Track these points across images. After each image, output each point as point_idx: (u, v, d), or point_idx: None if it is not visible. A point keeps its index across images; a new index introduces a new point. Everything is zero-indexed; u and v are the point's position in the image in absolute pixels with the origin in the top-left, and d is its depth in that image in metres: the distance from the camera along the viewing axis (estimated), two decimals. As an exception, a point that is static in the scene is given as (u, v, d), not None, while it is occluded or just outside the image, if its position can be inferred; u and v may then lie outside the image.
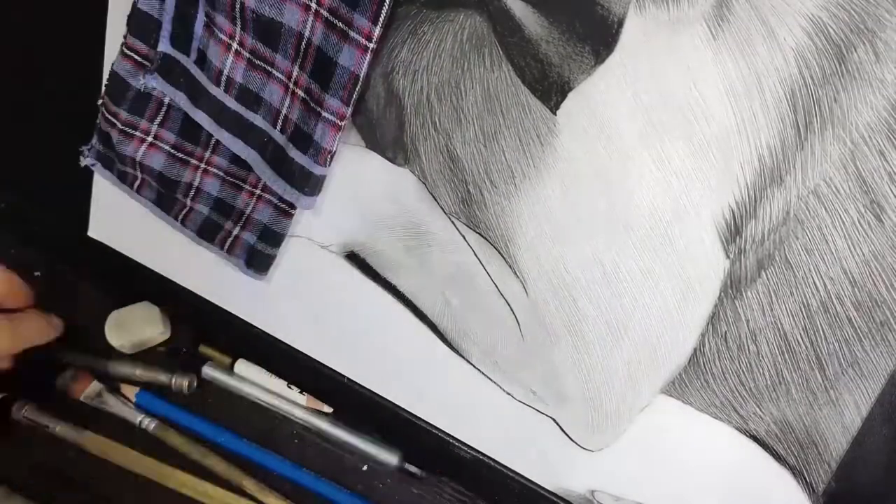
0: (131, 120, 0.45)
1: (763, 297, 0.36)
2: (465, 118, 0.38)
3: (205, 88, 0.42)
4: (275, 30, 0.39)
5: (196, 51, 0.42)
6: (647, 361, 0.39)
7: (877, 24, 0.31)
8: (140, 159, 0.46)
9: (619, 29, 0.34)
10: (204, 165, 0.46)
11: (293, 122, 0.41)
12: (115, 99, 0.44)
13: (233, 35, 0.40)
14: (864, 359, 0.36)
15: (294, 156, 0.42)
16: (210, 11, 0.40)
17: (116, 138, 0.45)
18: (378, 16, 0.37)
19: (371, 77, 0.40)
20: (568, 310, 0.40)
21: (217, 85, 0.42)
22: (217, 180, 0.46)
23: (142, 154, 0.46)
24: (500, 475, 0.47)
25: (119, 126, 0.45)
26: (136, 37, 0.42)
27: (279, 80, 0.41)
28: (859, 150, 0.33)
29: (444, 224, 0.41)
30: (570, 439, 0.43)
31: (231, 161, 0.45)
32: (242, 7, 0.39)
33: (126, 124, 0.45)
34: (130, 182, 0.48)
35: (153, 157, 0.46)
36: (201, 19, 0.41)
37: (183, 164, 0.46)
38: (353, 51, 0.38)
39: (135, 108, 0.44)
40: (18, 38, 0.52)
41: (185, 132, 0.45)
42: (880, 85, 0.32)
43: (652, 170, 0.36)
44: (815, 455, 0.38)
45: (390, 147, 0.41)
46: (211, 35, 0.41)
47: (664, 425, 0.40)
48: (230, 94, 0.42)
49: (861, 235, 0.34)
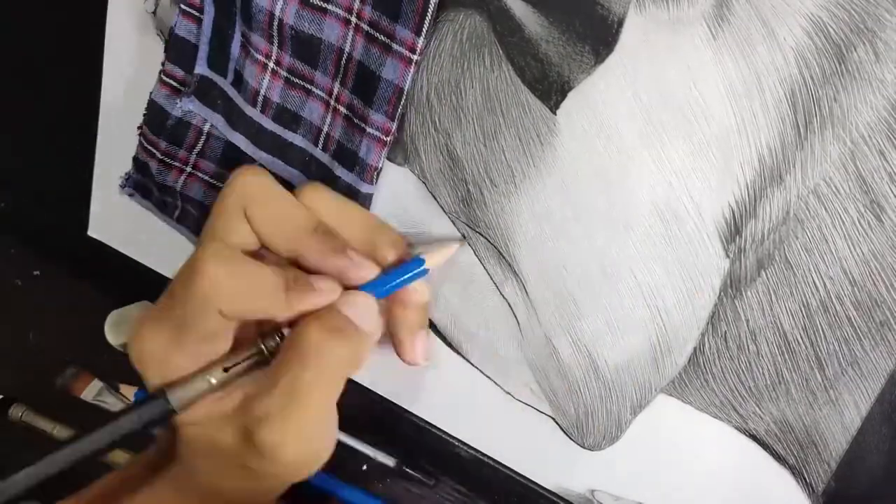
0: (170, 150, 0.44)
1: (763, 296, 0.36)
2: (464, 117, 0.38)
3: (241, 110, 0.42)
4: (314, 46, 0.38)
5: (233, 72, 0.41)
6: (646, 361, 0.39)
7: (877, 23, 0.31)
8: (181, 189, 0.45)
9: (619, 28, 0.34)
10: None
11: (335, 139, 0.40)
12: (154, 128, 0.43)
13: (269, 54, 0.39)
14: (864, 358, 0.36)
15: (340, 174, 0.41)
16: (246, 31, 0.39)
17: (156, 168, 0.45)
18: (421, 27, 0.36)
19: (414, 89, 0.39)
20: (568, 309, 0.40)
21: (253, 106, 0.41)
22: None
23: (182, 184, 0.45)
24: (500, 475, 0.47)
25: (158, 156, 0.44)
26: (173, 63, 0.42)
27: (319, 97, 0.40)
28: (859, 150, 0.33)
29: (444, 224, 0.41)
30: (570, 439, 0.43)
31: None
32: (280, 25, 0.38)
33: (165, 154, 0.44)
34: (171, 212, 0.47)
35: (193, 187, 0.45)
36: (238, 40, 0.40)
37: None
38: (396, 63, 0.37)
39: (174, 138, 0.44)
40: (18, 38, 0.52)
41: (224, 160, 0.44)
42: (880, 85, 0.32)
43: (652, 169, 0.36)
44: (814, 455, 0.38)
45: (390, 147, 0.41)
46: (247, 55, 0.40)
47: (664, 425, 0.40)
48: (267, 114, 0.41)
49: (861, 235, 0.34)
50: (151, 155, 0.44)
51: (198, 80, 0.42)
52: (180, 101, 0.42)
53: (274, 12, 0.38)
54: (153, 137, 0.44)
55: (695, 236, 0.36)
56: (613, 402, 0.41)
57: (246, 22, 0.39)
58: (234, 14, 0.40)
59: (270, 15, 0.38)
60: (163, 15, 0.45)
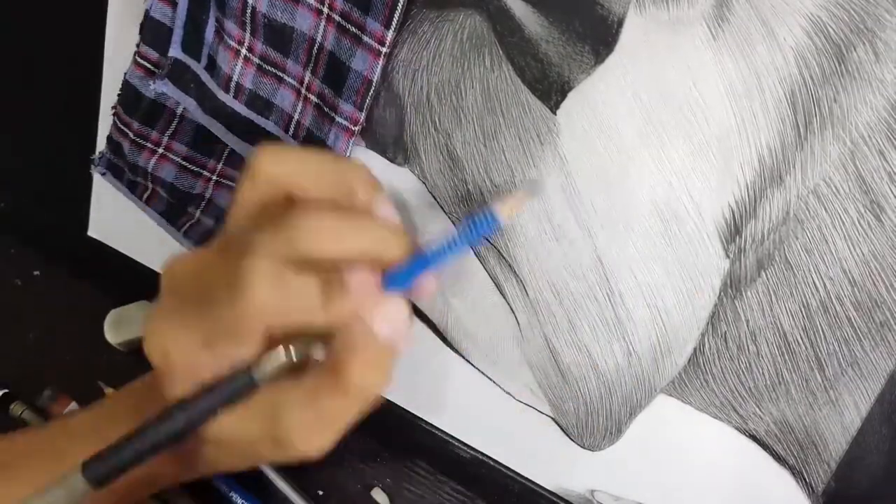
0: (143, 131, 0.44)
1: (763, 296, 0.36)
2: (464, 118, 0.38)
3: (213, 94, 0.42)
4: (286, 35, 0.39)
5: (206, 56, 0.42)
6: (647, 361, 0.39)
7: (877, 23, 0.31)
8: (151, 170, 0.45)
9: (619, 29, 0.34)
10: (216, 178, 0.46)
11: (305, 127, 0.41)
12: (128, 109, 0.44)
13: (241, 41, 0.40)
14: (864, 359, 0.36)
15: None
16: (220, 17, 0.40)
17: (128, 148, 0.45)
18: (391, 20, 0.36)
19: (384, 81, 0.39)
20: (568, 309, 0.40)
21: (226, 91, 0.42)
22: (228, 191, 0.46)
23: (153, 165, 0.45)
24: (500, 475, 0.47)
25: (131, 136, 0.45)
26: (148, 45, 0.42)
27: (291, 85, 0.41)
28: (859, 150, 0.33)
29: (444, 224, 0.41)
30: (570, 439, 0.43)
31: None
32: (254, 13, 0.39)
33: (138, 135, 0.45)
34: (140, 193, 0.48)
35: (164, 168, 0.46)
36: (212, 25, 0.41)
37: (195, 175, 0.46)
38: (365, 55, 0.38)
39: (147, 119, 0.44)
40: (18, 38, 0.52)
41: (197, 144, 0.45)
42: (880, 85, 0.32)
43: (652, 169, 0.36)
44: (814, 455, 0.38)
45: (390, 147, 0.41)
46: (221, 41, 0.41)
47: (664, 425, 0.40)
48: (239, 100, 0.42)
49: (861, 235, 0.34)
50: (124, 135, 0.45)
51: (171, 63, 0.42)
52: (154, 82, 0.43)
53: (247, 0, 0.38)
54: (126, 118, 0.44)
55: (695, 236, 0.36)
56: (613, 402, 0.41)
57: (220, 8, 0.40)
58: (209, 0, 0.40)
59: (244, 2, 0.39)
60: (163, 15, 0.45)
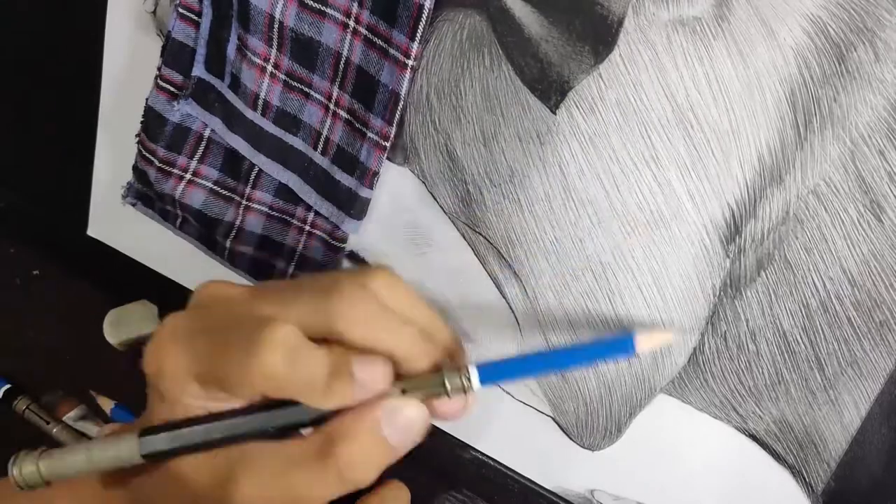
0: (169, 157, 0.43)
1: (762, 296, 0.36)
2: (464, 117, 0.38)
3: (240, 112, 0.41)
4: (312, 50, 0.38)
5: (230, 75, 0.41)
6: (646, 360, 0.39)
7: (876, 23, 0.31)
8: (179, 198, 0.44)
9: (619, 28, 0.34)
10: (245, 202, 0.44)
11: (335, 143, 0.40)
12: (152, 135, 0.43)
13: (267, 57, 0.39)
14: (864, 359, 0.36)
15: (340, 178, 0.41)
16: (242, 34, 0.39)
17: (154, 176, 0.44)
18: (415, 31, 0.36)
19: (411, 95, 0.38)
20: (567, 309, 0.40)
21: (254, 109, 0.41)
22: (262, 217, 0.45)
23: (181, 192, 0.44)
24: (499, 475, 0.47)
25: (157, 164, 0.43)
26: (170, 67, 0.41)
27: (318, 101, 0.40)
28: (859, 150, 0.33)
29: (444, 224, 0.41)
30: (569, 439, 0.43)
31: (276, 195, 0.44)
32: (281, 27, 0.38)
33: (164, 161, 0.43)
34: (173, 220, 0.47)
35: (193, 195, 0.44)
36: (234, 42, 0.40)
37: (226, 200, 0.44)
38: (392, 68, 0.37)
39: (173, 144, 0.43)
40: (18, 37, 0.52)
41: (225, 167, 0.44)
42: (880, 85, 0.32)
43: (652, 169, 0.36)
44: (814, 454, 0.38)
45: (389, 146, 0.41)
46: (244, 58, 0.40)
47: (663, 424, 0.40)
48: (267, 117, 0.41)
49: (861, 235, 0.34)
50: (149, 162, 0.44)
51: (195, 83, 0.41)
52: (177, 104, 0.42)
53: (274, 14, 0.38)
54: (151, 145, 0.43)
55: (694, 236, 0.36)
56: (613, 401, 0.41)
57: (243, 25, 0.39)
58: (231, 17, 0.39)
59: (270, 17, 0.38)
60: (162, 15, 0.45)
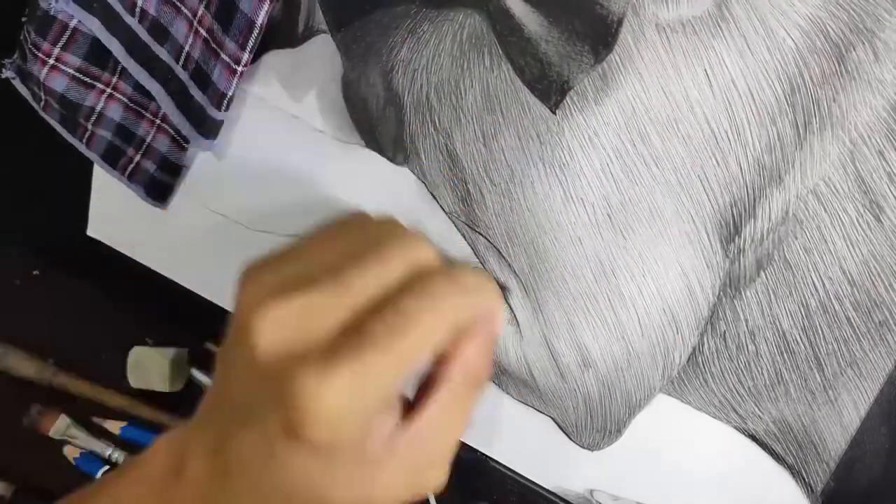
0: (37, 41, 0.45)
1: (762, 296, 0.36)
2: (464, 117, 0.39)
3: (119, 16, 0.43)
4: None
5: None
6: (646, 361, 0.39)
7: (876, 23, 0.31)
8: (44, 80, 0.46)
9: (619, 28, 0.34)
10: (110, 90, 0.47)
11: (194, 59, 0.42)
12: (29, 17, 0.45)
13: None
14: (863, 359, 0.36)
15: (194, 94, 0.42)
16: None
17: (25, 56, 0.46)
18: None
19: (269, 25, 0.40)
20: (567, 309, 0.40)
21: (132, 15, 0.42)
22: (120, 106, 0.47)
23: (44, 76, 0.46)
24: (499, 475, 0.47)
25: (28, 45, 0.45)
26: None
27: (185, 16, 0.42)
28: (858, 150, 0.33)
29: (444, 223, 0.41)
30: (569, 439, 0.43)
31: (135, 88, 0.46)
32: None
33: (33, 45, 0.45)
34: (38, 101, 0.48)
35: (55, 79, 0.46)
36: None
37: (87, 87, 0.46)
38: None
39: (39, 29, 0.45)
40: (18, 37, 0.52)
41: (91, 56, 0.46)
42: (879, 85, 0.32)
43: (651, 169, 0.36)
44: (813, 455, 0.38)
45: (390, 146, 0.41)
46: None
47: (663, 424, 0.40)
48: (143, 25, 0.42)
49: (860, 235, 0.34)
50: (24, 42, 0.46)
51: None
52: (55, 1, 0.43)
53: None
54: (28, 26, 0.45)
55: (694, 236, 0.36)
56: (613, 401, 0.41)
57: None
58: None
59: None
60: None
